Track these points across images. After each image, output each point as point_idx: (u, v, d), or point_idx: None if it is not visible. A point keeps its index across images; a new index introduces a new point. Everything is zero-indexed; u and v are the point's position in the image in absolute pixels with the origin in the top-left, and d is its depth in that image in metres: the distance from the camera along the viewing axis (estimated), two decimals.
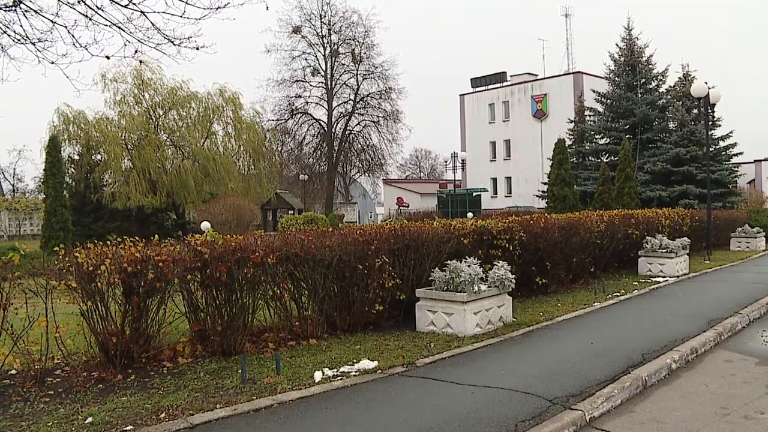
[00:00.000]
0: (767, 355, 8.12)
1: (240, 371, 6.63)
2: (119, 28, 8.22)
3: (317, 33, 57.91)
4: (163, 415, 5.51)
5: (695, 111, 33.33)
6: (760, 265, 17.73)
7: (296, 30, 56.89)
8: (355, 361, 7.26)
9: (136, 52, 8.72)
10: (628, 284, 13.87)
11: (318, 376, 6.64)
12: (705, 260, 18.91)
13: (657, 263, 15.50)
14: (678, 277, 15.10)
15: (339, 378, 6.65)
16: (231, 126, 37.22)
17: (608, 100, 37.03)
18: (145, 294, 6.97)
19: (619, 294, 12.46)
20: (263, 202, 44.12)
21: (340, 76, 59.32)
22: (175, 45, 8.59)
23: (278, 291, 8.31)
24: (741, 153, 35.70)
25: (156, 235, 7.80)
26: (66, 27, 8.22)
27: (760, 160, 70.12)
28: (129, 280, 6.74)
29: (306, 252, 8.37)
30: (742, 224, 24.33)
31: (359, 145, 61.27)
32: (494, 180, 68.99)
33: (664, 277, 15.04)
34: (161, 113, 34.97)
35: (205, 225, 23.08)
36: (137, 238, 7.40)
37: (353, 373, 6.81)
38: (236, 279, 7.62)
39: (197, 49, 8.47)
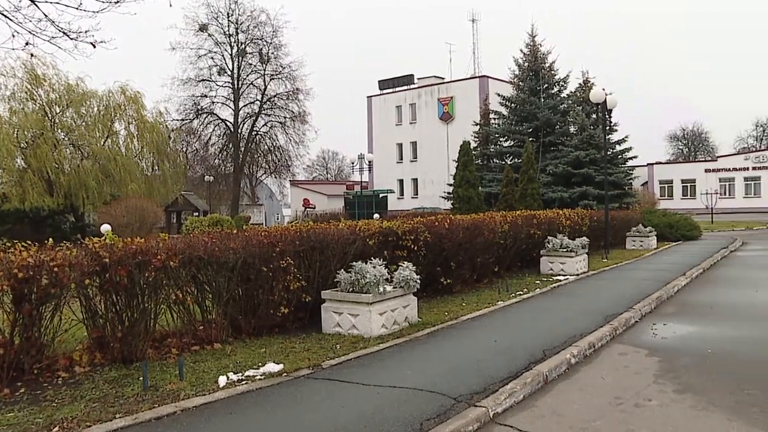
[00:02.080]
0: (656, 346, 8.55)
1: (141, 378, 6.44)
2: (5, 16, 7.78)
3: (224, 32, 57.18)
4: (56, 429, 5.25)
5: (594, 116, 34.68)
6: (652, 263, 18.54)
7: (203, 28, 55.93)
8: (260, 364, 7.17)
9: (27, 44, 8.28)
10: (531, 283, 14.26)
11: (222, 380, 6.53)
12: (603, 259, 19.58)
13: (558, 262, 15.99)
14: (578, 275, 15.61)
15: (244, 382, 6.56)
16: (133, 125, 36.18)
17: (512, 104, 38.10)
18: (38, 301, 6.61)
19: (522, 293, 12.78)
20: (167, 204, 43.04)
21: (247, 76, 58.73)
22: (71, 39, 8.20)
23: (181, 295, 8.11)
24: (636, 156, 37.52)
25: (51, 239, 7.46)
26: None
27: (653, 164, 74.04)
28: (20, 286, 6.37)
29: (210, 254, 8.20)
30: (637, 224, 25.30)
31: (266, 146, 60.83)
32: (401, 181, 69.71)
33: (564, 275, 15.52)
34: (58, 111, 33.53)
35: (105, 227, 22.27)
36: (31, 241, 7.05)
37: (259, 377, 6.74)
38: (137, 283, 7.37)
39: (93, 45, 8.12)
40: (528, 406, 6.14)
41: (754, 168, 68.51)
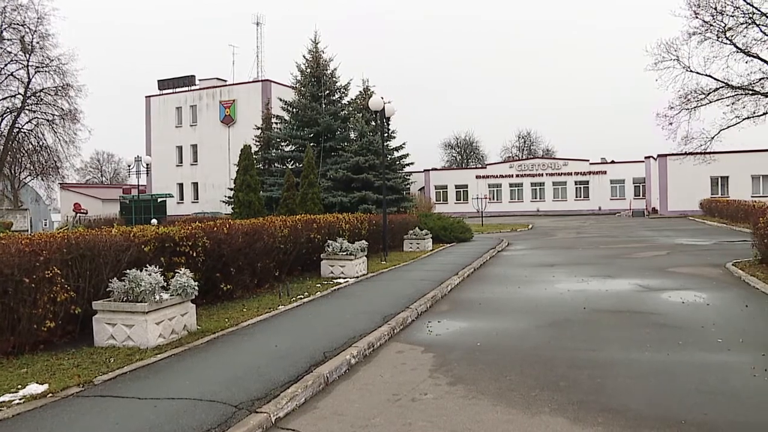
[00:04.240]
0: (431, 342, 9.09)
1: None
2: None
3: None
4: None
5: (373, 123, 35.92)
6: (427, 264, 19.51)
7: None
8: (20, 386, 6.58)
9: None
10: (312, 286, 14.44)
11: None
12: (382, 261, 20.15)
13: (338, 265, 16.32)
14: (358, 277, 16.04)
15: None
16: None
17: (294, 109, 38.36)
18: None
19: (303, 296, 12.91)
20: None
21: (6, 65, 53.13)
22: None
23: None
24: (413, 163, 39.51)
25: None
26: None
27: (429, 170, 78.43)
28: None
29: None
30: (414, 227, 26.30)
31: (31, 146, 55.61)
32: (181, 185, 67.69)
33: (345, 278, 15.89)
34: None
35: None
36: None
37: (17, 402, 6.15)
38: None
39: None
40: (310, 408, 6.24)
41: (517, 175, 75.08)
